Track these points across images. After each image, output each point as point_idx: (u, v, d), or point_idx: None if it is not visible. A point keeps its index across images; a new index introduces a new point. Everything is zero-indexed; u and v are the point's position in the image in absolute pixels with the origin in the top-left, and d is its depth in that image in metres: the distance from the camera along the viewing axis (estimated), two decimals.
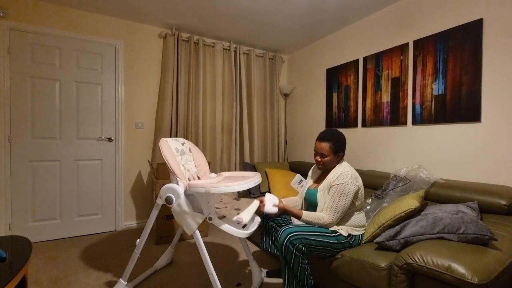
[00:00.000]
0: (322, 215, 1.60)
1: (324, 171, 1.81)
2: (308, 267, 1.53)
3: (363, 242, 1.66)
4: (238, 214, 1.66)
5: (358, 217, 1.67)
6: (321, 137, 1.69)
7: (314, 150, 1.73)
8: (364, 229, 1.70)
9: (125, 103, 3.00)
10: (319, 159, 1.70)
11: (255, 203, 1.74)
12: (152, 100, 3.15)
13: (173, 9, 2.69)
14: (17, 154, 2.54)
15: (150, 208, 3.16)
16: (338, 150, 1.67)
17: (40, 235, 2.65)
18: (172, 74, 3.10)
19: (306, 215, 1.62)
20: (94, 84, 2.85)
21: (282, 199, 1.91)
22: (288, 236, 1.49)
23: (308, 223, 1.62)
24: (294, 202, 1.95)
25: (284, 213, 1.70)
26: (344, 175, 1.59)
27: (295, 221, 1.88)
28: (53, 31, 2.64)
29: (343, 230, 1.60)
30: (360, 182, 1.65)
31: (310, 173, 1.94)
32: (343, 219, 1.64)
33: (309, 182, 1.89)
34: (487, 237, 1.24)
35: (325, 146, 1.66)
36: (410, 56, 2.36)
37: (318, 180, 1.83)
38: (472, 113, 1.95)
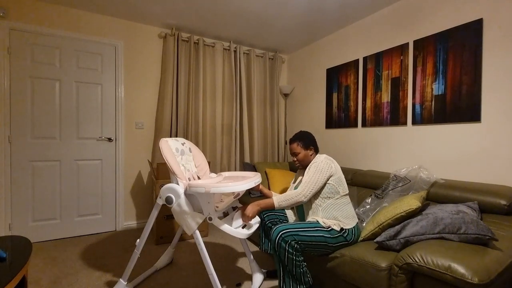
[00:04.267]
0: (294, 191, 1.66)
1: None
2: (304, 265, 1.52)
3: (361, 239, 1.66)
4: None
5: (345, 208, 1.68)
6: (290, 140, 1.89)
7: (290, 154, 1.92)
8: (356, 222, 1.69)
9: (125, 103, 3.00)
10: (295, 159, 1.87)
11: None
12: (152, 100, 3.15)
13: (173, 9, 2.69)
14: (17, 154, 2.54)
15: (150, 208, 3.16)
16: (308, 145, 1.83)
17: (40, 235, 2.65)
18: (172, 74, 3.09)
19: (277, 198, 1.66)
20: (94, 84, 2.85)
21: (273, 195, 1.92)
22: (280, 234, 1.50)
23: (285, 206, 1.65)
24: None
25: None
26: (317, 158, 1.76)
27: (291, 220, 1.89)
28: (53, 31, 2.64)
29: (336, 225, 1.60)
30: (335, 165, 1.73)
31: (296, 176, 1.99)
32: (330, 212, 1.64)
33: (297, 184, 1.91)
34: (487, 237, 1.24)
35: (294, 145, 1.85)
36: (410, 56, 2.36)
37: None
38: (472, 113, 1.95)
